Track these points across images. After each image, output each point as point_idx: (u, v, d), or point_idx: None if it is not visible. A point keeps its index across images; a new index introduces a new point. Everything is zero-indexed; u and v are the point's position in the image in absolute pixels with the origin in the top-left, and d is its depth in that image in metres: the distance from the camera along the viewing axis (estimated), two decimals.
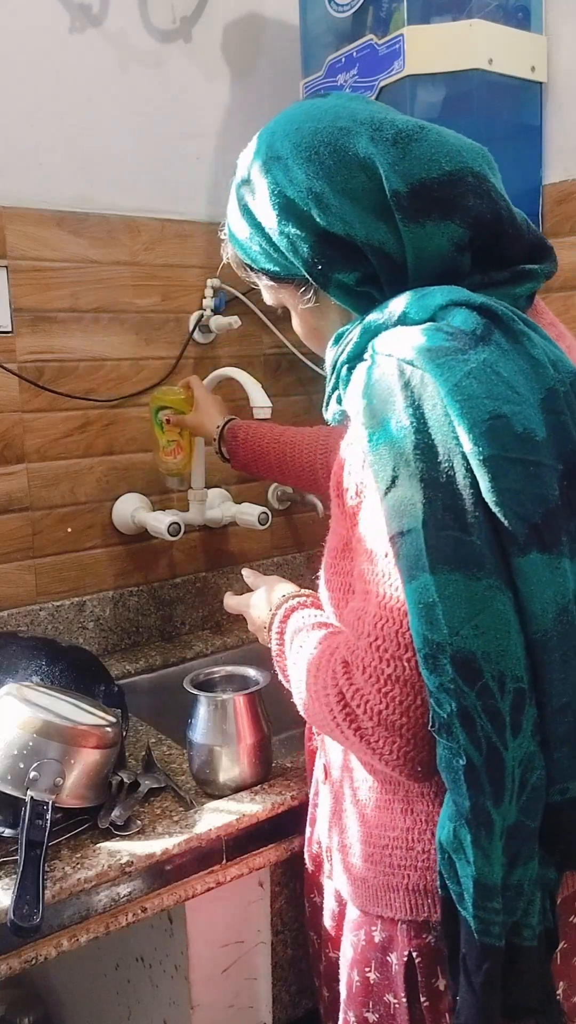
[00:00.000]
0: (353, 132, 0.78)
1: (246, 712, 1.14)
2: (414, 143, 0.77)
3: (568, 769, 0.73)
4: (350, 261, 0.79)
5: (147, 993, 1.24)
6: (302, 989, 1.26)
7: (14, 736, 1.02)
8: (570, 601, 0.71)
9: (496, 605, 0.68)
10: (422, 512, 0.69)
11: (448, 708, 0.68)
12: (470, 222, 0.77)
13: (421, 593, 0.69)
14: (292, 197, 0.80)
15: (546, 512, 0.70)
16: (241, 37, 1.72)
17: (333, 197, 0.77)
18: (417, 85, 1.40)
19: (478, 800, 0.70)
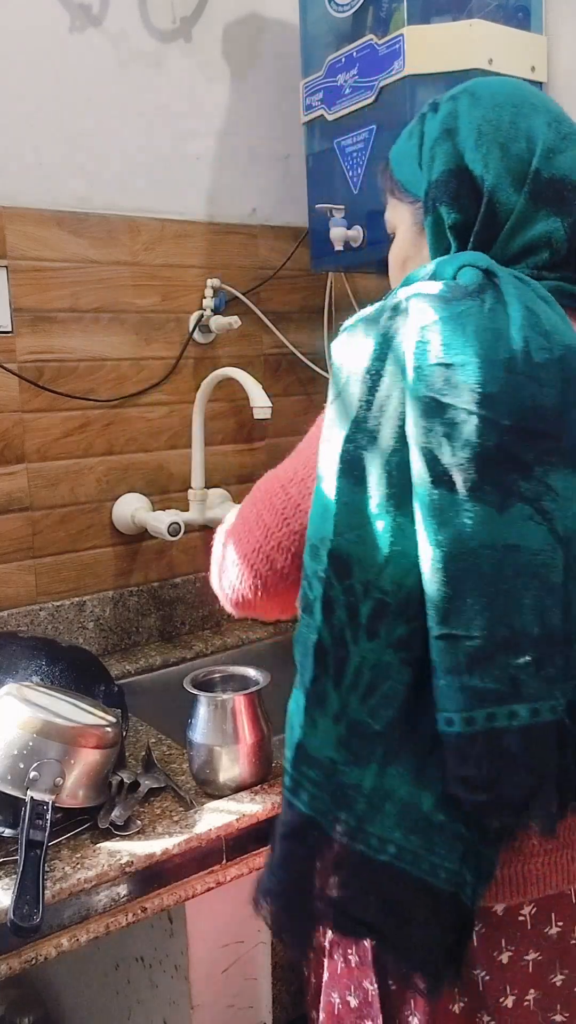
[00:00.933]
0: (538, 110, 0.86)
1: (246, 712, 1.14)
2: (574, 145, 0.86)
3: (454, 699, 0.74)
4: (461, 202, 0.85)
5: (147, 993, 1.24)
6: (302, 989, 1.26)
7: (14, 736, 1.02)
8: (482, 547, 0.73)
9: (383, 524, 0.75)
10: (349, 427, 0.77)
11: (316, 592, 0.77)
12: (570, 229, 0.85)
13: (323, 493, 0.77)
14: (460, 124, 0.87)
15: (468, 458, 0.73)
16: (241, 37, 1.72)
17: (491, 142, 0.84)
18: (417, 85, 1.40)
19: (319, 676, 0.77)
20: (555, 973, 0.89)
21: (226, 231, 1.73)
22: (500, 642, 0.74)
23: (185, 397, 1.70)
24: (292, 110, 1.69)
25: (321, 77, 1.58)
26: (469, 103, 0.87)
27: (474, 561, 0.73)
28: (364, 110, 1.49)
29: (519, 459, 0.74)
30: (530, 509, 0.74)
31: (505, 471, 0.74)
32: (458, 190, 0.85)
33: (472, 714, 0.74)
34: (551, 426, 0.76)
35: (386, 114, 1.46)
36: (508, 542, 0.74)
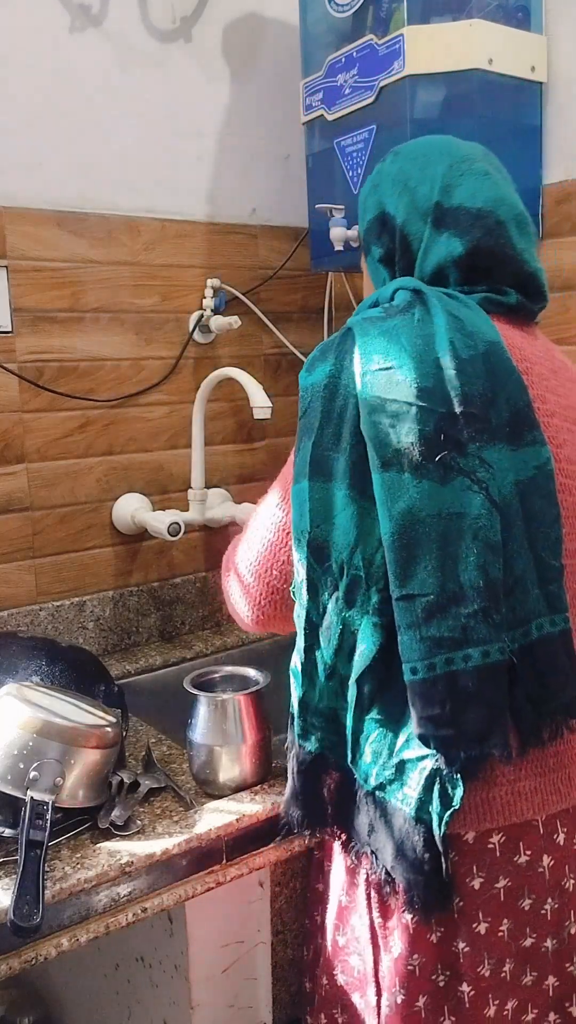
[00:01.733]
0: (444, 157, 1.03)
1: (246, 712, 1.14)
2: (471, 179, 1.01)
3: (416, 650, 0.87)
4: (383, 240, 1.05)
5: (147, 993, 1.24)
6: (301, 989, 1.26)
7: (14, 736, 1.02)
8: (429, 515, 0.87)
9: (349, 511, 0.90)
10: (315, 432, 0.93)
11: (300, 576, 0.93)
12: (469, 246, 0.99)
13: (298, 493, 0.93)
14: (382, 181, 1.06)
15: (411, 443, 0.88)
16: (241, 37, 1.72)
17: (402, 189, 1.03)
18: (417, 85, 1.40)
19: (311, 645, 0.94)
20: (523, 899, 0.96)
21: (226, 231, 1.73)
22: (451, 596, 0.87)
23: (185, 397, 1.70)
24: (292, 110, 1.69)
25: (321, 77, 1.58)
26: (391, 161, 1.07)
27: (423, 530, 0.87)
28: (364, 110, 1.49)
29: (455, 439, 0.89)
30: (468, 480, 0.88)
31: (442, 450, 0.88)
32: (380, 230, 1.04)
33: (432, 660, 0.87)
34: (480, 410, 0.90)
35: (386, 114, 1.46)
36: (452, 510, 0.88)
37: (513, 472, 0.91)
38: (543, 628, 0.90)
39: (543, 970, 1.00)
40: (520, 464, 0.91)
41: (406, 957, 0.95)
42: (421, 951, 0.95)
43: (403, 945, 0.95)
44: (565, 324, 1.53)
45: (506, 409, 0.92)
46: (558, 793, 0.96)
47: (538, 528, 0.91)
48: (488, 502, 0.88)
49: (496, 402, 0.91)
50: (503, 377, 0.93)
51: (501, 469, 0.90)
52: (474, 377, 0.91)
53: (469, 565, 0.87)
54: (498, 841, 0.94)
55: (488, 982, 0.96)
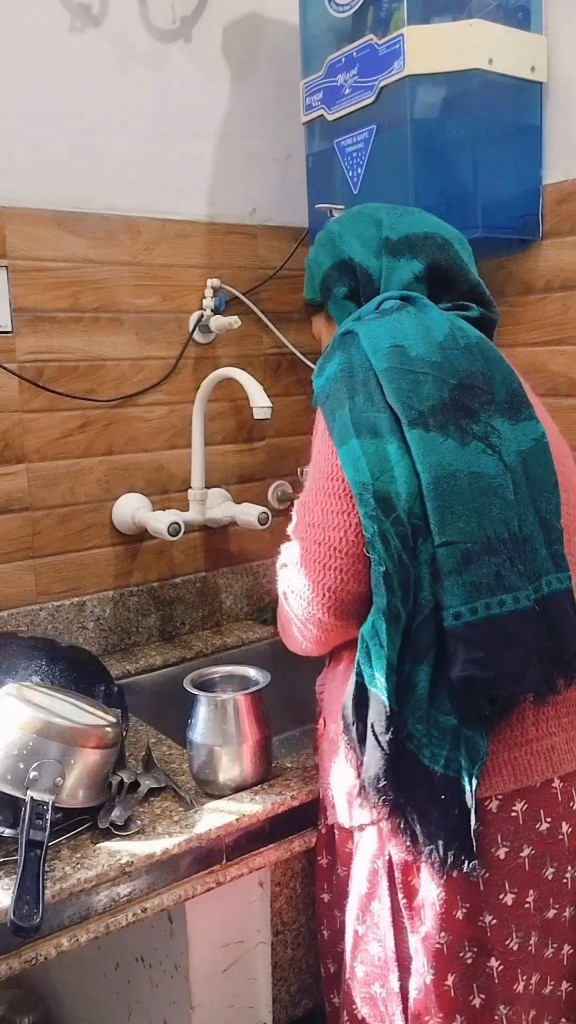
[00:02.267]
0: (379, 209, 1.17)
1: (246, 712, 1.14)
2: (409, 216, 1.15)
3: (458, 595, 0.93)
4: (344, 279, 1.16)
5: (147, 993, 1.24)
6: (302, 989, 1.26)
7: (14, 736, 1.02)
8: (457, 471, 0.95)
9: (404, 461, 0.95)
10: (347, 401, 0.99)
11: (371, 530, 0.94)
12: (428, 262, 1.11)
13: (350, 451, 0.96)
14: (333, 238, 1.18)
15: (432, 406, 0.97)
16: (241, 37, 1.72)
17: (351, 238, 1.15)
18: (417, 85, 1.40)
19: (391, 599, 0.93)
20: (546, 867, 0.99)
21: (226, 231, 1.73)
22: (483, 545, 0.94)
23: (185, 397, 1.70)
24: (292, 110, 1.69)
25: (321, 77, 1.58)
26: (333, 224, 1.20)
27: (455, 483, 0.95)
28: (364, 110, 1.49)
29: (468, 407, 0.99)
30: (482, 445, 0.97)
31: (459, 415, 0.98)
32: (340, 274, 1.16)
33: (474, 604, 0.93)
34: (484, 384, 1.01)
35: (386, 114, 1.46)
36: (473, 469, 0.96)
37: (515, 443, 1.01)
38: (551, 584, 0.98)
39: (561, 940, 1.03)
40: (520, 436, 1.02)
41: (434, 935, 0.96)
42: (449, 928, 0.96)
43: (431, 923, 0.96)
44: (565, 324, 1.53)
45: (503, 388, 1.03)
46: (572, 752, 1.00)
47: (540, 493, 1.00)
48: (501, 464, 0.98)
49: (494, 381, 1.03)
50: (497, 362, 1.05)
51: (507, 438, 1.00)
52: (473, 359, 1.02)
53: (494, 519, 0.95)
54: (521, 809, 0.97)
55: (516, 956, 0.98)
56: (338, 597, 0.98)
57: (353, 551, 0.96)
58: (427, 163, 1.44)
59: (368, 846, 1.02)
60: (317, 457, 1.03)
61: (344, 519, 0.96)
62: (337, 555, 0.96)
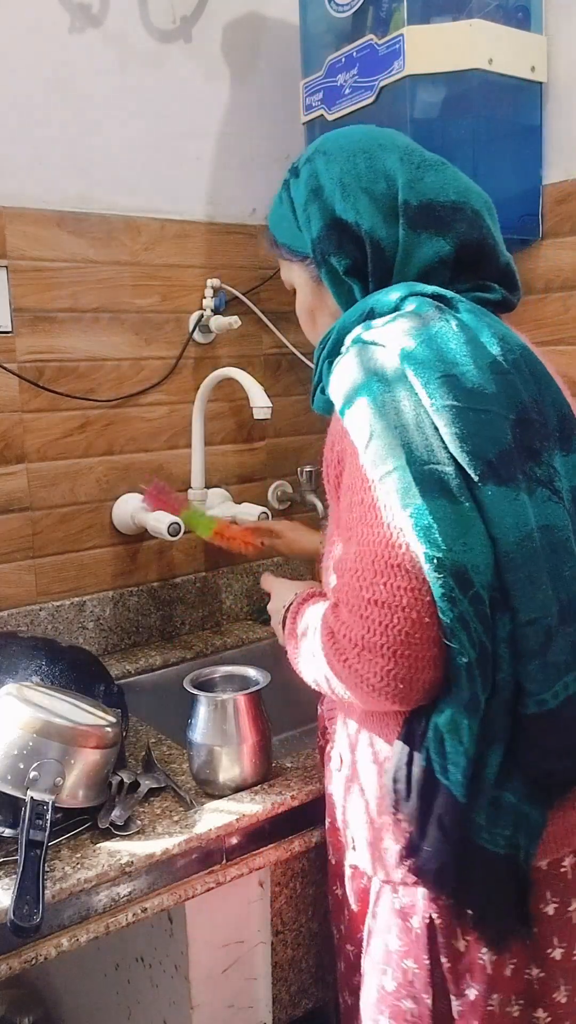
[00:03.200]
0: (388, 149, 0.95)
1: (246, 712, 1.14)
2: (432, 171, 0.94)
3: (542, 680, 0.82)
4: (346, 249, 0.94)
5: (147, 993, 1.24)
6: (302, 989, 1.26)
7: (14, 736, 1.02)
8: (533, 530, 0.82)
9: (478, 525, 0.80)
10: (403, 452, 0.81)
11: (451, 615, 0.78)
12: (457, 243, 0.93)
13: (418, 517, 0.79)
14: (323, 183, 0.95)
15: (499, 452, 0.82)
16: (241, 37, 1.72)
17: (355, 191, 0.93)
18: (417, 85, 1.40)
19: (474, 692, 0.81)
20: None
21: (226, 231, 1.73)
22: (560, 615, 0.82)
23: (185, 397, 1.70)
24: (292, 110, 1.69)
25: (321, 77, 1.58)
26: (324, 162, 0.96)
27: (531, 546, 0.81)
28: (364, 110, 1.49)
29: (530, 448, 0.84)
30: (548, 491, 0.84)
31: (524, 460, 0.84)
32: (340, 240, 0.94)
33: (555, 688, 0.82)
34: (537, 414, 0.86)
35: (386, 114, 1.46)
36: (543, 523, 0.83)
37: (567, 478, 0.87)
38: None
39: None
40: (572, 469, 0.88)
41: (485, 998, 0.91)
42: (500, 988, 0.91)
43: (482, 986, 0.91)
44: (565, 324, 1.53)
45: (554, 414, 0.89)
46: None
47: None
48: (565, 512, 0.85)
49: (546, 407, 0.88)
50: (545, 381, 0.90)
51: (564, 476, 0.87)
52: (523, 382, 0.87)
53: (566, 580, 0.83)
54: (571, 864, 0.93)
55: (564, 1008, 0.94)
56: (412, 687, 0.82)
57: (427, 636, 0.79)
58: None
59: (396, 901, 0.95)
60: (364, 512, 0.83)
61: (414, 597, 0.79)
62: (410, 642, 0.79)
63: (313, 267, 1.00)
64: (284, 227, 1.02)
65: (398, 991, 0.96)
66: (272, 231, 1.05)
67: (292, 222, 1.00)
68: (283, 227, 1.03)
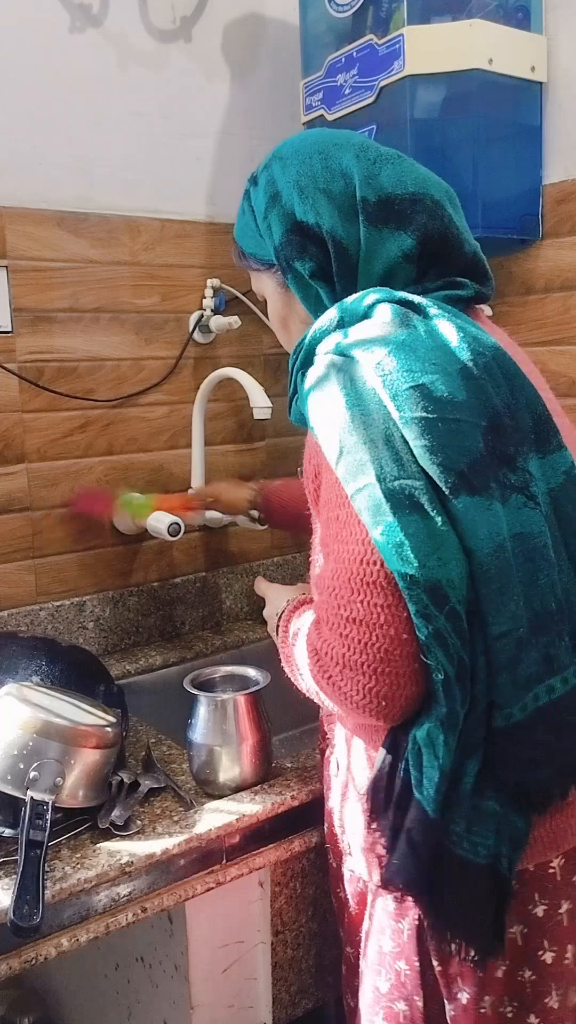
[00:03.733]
0: (343, 148, 0.93)
1: (246, 712, 1.14)
2: (388, 165, 0.92)
3: (511, 695, 0.81)
4: (309, 252, 0.93)
5: (147, 993, 1.24)
6: (302, 989, 1.26)
7: (14, 736, 1.02)
8: (505, 539, 0.80)
9: (451, 539, 0.79)
10: (373, 468, 0.79)
11: (426, 631, 0.77)
12: (419, 236, 0.91)
13: (389, 535, 0.77)
14: (280, 188, 0.94)
15: (471, 462, 0.80)
16: (241, 37, 1.72)
17: (313, 193, 0.91)
18: (417, 85, 1.40)
19: (452, 706, 0.80)
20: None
21: (226, 231, 1.73)
22: (531, 626, 0.81)
23: (185, 397, 1.70)
24: (292, 110, 1.69)
25: (321, 77, 1.58)
26: (280, 167, 0.95)
27: (504, 556, 0.80)
28: (364, 110, 1.49)
29: (504, 453, 0.83)
30: (523, 497, 0.83)
31: (497, 467, 0.82)
32: (302, 244, 0.92)
33: (524, 701, 0.81)
34: (511, 419, 0.84)
35: (386, 114, 1.46)
36: (516, 531, 0.81)
37: (544, 481, 0.86)
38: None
39: None
40: (549, 471, 0.87)
41: (477, 1000, 0.91)
42: (491, 990, 0.91)
43: (473, 989, 0.91)
44: (565, 324, 1.53)
45: (529, 416, 0.87)
46: None
47: (573, 536, 0.87)
48: (542, 517, 0.84)
49: (519, 410, 0.87)
50: (519, 383, 0.88)
51: (540, 480, 0.86)
52: (495, 387, 0.85)
53: (542, 588, 0.82)
54: (559, 865, 0.92)
55: (556, 1014, 0.94)
56: (394, 703, 0.81)
57: (407, 652, 0.79)
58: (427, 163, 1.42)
59: (389, 904, 0.95)
60: (339, 529, 0.83)
61: (392, 615, 0.78)
62: (389, 659, 0.79)
63: (279, 274, 0.99)
64: (248, 237, 1.01)
65: (391, 992, 0.97)
66: (238, 243, 1.04)
67: (255, 231, 0.99)
68: (247, 237, 1.02)
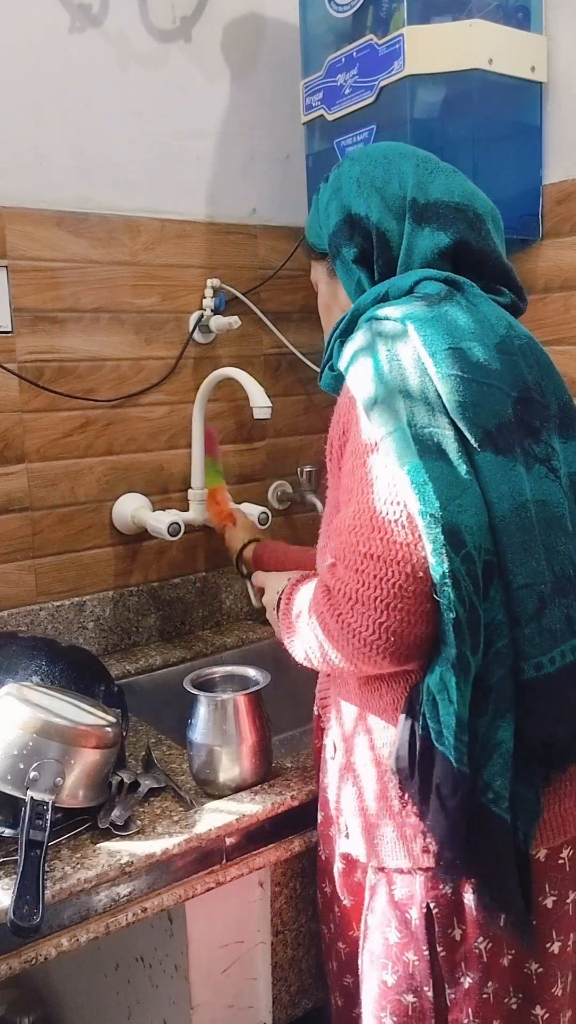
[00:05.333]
0: (406, 157, 1.03)
1: (246, 712, 1.14)
2: (442, 175, 1.01)
3: (539, 644, 0.85)
4: (356, 240, 1.02)
5: (147, 993, 1.24)
6: (302, 989, 1.26)
7: (14, 736, 1.02)
8: (528, 501, 0.85)
9: (473, 488, 0.83)
10: (405, 414, 0.84)
11: (441, 570, 0.80)
12: (457, 238, 0.98)
13: (414, 475, 0.82)
14: (343, 184, 1.04)
15: (499, 424, 0.86)
16: (241, 37, 1.72)
17: (369, 190, 1.01)
18: (417, 85, 1.40)
19: (461, 649, 0.82)
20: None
21: (226, 231, 1.73)
22: (553, 586, 0.85)
23: (185, 397, 1.70)
24: (292, 110, 1.69)
25: (321, 77, 1.58)
26: (348, 166, 1.05)
27: (526, 515, 0.85)
28: (364, 110, 1.49)
29: (530, 425, 0.88)
30: (545, 468, 0.88)
31: (523, 435, 0.88)
32: (351, 232, 1.02)
33: (552, 654, 0.85)
34: (539, 395, 0.91)
35: (386, 114, 1.46)
36: (539, 498, 0.86)
37: (566, 464, 0.91)
38: None
39: None
40: (571, 456, 0.92)
41: (480, 986, 0.92)
42: (495, 976, 0.92)
43: (477, 975, 0.92)
44: (565, 324, 1.53)
45: (555, 401, 0.93)
46: None
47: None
48: (561, 490, 0.89)
49: (547, 392, 0.93)
50: (548, 369, 0.95)
51: (563, 458, 0.91)
52: (528, 365, 0.92)
53: (560, 555, 0.87)
54: (568, 856, 0.94)
55: (560, 1002, 0.95)
56: (403, 640, 0.83)
57: (420, 589, 0.81)
58: None
59: (396, 892, 0.95)
60: (365, 472, 0.86)
61: (409, 552, 0.81)
62: (403, 595, 0.81)
63: (329, 261, 1.07)
64: (313, 228, 1.10)
65: (398, 984, 0.96)
66: (306, 234, 1.13)
67: (317, 222, 1.08)
68: (312, 228, 1.10)
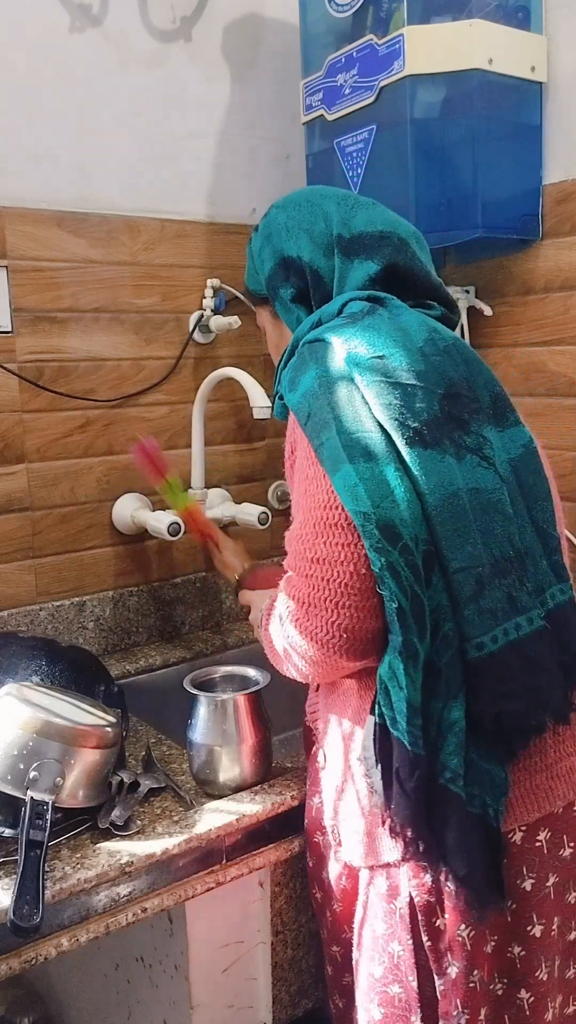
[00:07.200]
0: (328, 198, 1.08)
1: (246, 712, 1.14)
2: (363, 210, 1.06)
3: (479, 625, 0.88)
4: (291, 279, 1.08)
5: (147, 993, 1.24)
6: (302, 989, 1.26)
7: (14, 736, 1.02)
8: (460, 490, 0.90)
9: (404, 483, 0.88)
10: (334, 423, 0.91)
11: (379, 563, 0.85)
12: (385, 263, 1.03)
13: (345, 479, 0.88)
14: (273, 230, 1.09)
15: (426, 421, 0.91)
16: (241, 37, 1.72)
17: (297, 232, 1.06)
18: (417, 85, 1.40)
19: (407, 636, 0.86)
20: (569, 892, 0.98)
21: (226, 231, 1.73)
22: (492, 567, 0.90)
23: (185, 397, 1.70)
24: (292, 110, 1.69)
25: (321, 77, 1.58)
26: (276, 213, 1.10)
27: (458, 503, 0.89)
28: (364, 110, 1.49)
29: (459, 418, 0.94)
30: (477, 458, 0.93)
31: (452, 428, 0.93)
32: (287, 273, 1.08)
33: (494, 633, 0.88)
34: (468, 391, 0.96)
35: (386, 114, 1.46)
36: (471, 486, 0.91)
37: (504, 451, 0.96)
38: (555, 597, 0.95)
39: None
40: (509, 443, 0.97)
41: (466, 975, 0.93)
42: (480, 964, 0.93)
43: (462, 963, 0.93)
44: (565, 324, 1.53)
45: (486, 394, 0.99)
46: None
47: (535, 502, 0.96)
48: (497, 476, 0.93)
49: (477, 386, 0.98)
50: (476, 365, 1.00)
51: (497, 447, 0.96)
52: (453, 364, 0.97)
53: (497, 537, 0.91)
54: (545, 838, 0.95)
55: (546, 986, 0.96)
56: (356, 636, 0.88)
57: (366, 586, 0.87)
58: (427, 163, 1.44)
59: (382, 885, 0.97)
60: (307, 484, 0.93)
61: (351, 552, 0.87)
62: (349, 592, 0.87)
63: (270, 304, 1.12)
64: (251, 275, 1.16)
65: (385, 976, 0.98)
66: (246, 284, 1.18)
67: (254, 268, 1.14)
68: (250, 276, 1.16)
